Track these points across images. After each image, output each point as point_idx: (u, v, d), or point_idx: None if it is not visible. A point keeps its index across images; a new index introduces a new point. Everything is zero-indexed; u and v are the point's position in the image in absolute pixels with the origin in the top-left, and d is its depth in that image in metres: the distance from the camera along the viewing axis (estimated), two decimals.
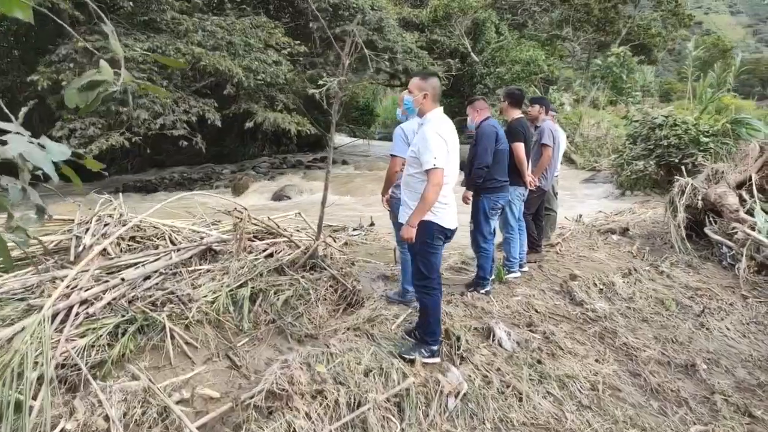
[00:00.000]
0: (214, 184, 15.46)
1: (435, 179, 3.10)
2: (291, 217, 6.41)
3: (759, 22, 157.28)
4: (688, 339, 3.67)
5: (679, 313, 4.15)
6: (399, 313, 4.07)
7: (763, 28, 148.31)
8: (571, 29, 24.09)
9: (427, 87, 3.39)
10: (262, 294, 4.30)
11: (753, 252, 5.02)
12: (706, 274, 5.18)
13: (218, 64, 11.97)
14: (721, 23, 59.96)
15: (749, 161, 5.83)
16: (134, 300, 3.58)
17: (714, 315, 4.08)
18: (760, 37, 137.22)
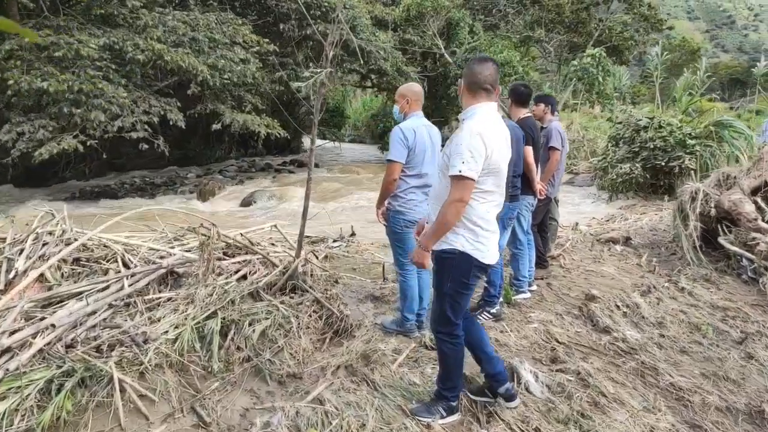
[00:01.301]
0: (178, 189, 14.55)
1: (457, 192, 2.38)
2: (266, 229, 5.72)
3: (715, 27, 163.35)
4: (740, 375, 3.17)
5: (718, 340, 3.66)
6: (399, 347, 3.45)
7: (720, 34, 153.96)
8: (544, 31, 23.93)
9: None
10: (235, 326, 3.63)
11: None
12: (728, 290, 4.73)
13: (181, 62, 11.12)
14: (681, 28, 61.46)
15: (763, 165, 5.45)
16: (74, 344, 2.86)
17: (756, 341, 3.61)
18: (716, 42, 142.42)
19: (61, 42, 10.21)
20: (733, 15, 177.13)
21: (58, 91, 9.83)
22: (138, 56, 10.81)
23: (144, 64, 11.25)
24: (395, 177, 3.39)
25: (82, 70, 10.33)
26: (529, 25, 25.15)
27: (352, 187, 14.47)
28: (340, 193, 13.37)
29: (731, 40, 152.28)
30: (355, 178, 16.72)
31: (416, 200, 3.49)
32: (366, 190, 13.89)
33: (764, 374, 3.19)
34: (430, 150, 3.49)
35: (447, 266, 2.57)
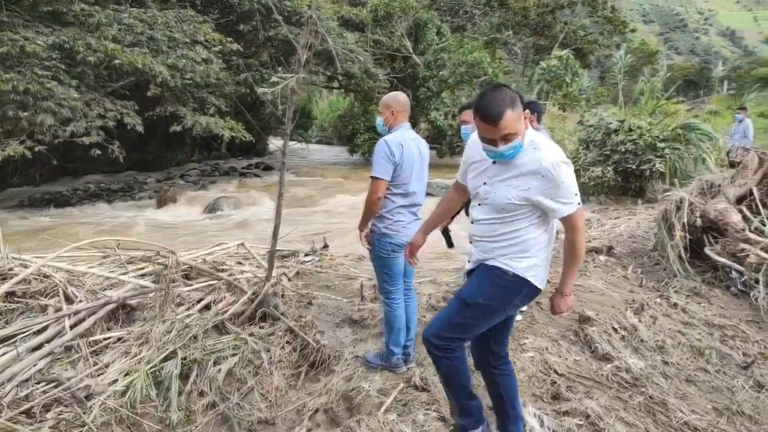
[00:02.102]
0: (136, 195, 13.81)
1: (582, 223, 2.20)
2: (232, 248, 5.26)
3: (669, 30, 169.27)
4: (753, 408, 2.94)
5: (723, 365, 3.43)
6: (385, 386, 3.08)
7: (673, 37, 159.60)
8: (512, 32, 23.99)
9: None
10: (198, 366, 3.21)
11: None
12: (719, 305, 4.55)
13: (136, 62, 10.45)
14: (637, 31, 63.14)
15: (748, 173, 5.32)
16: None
17: (761, 366, 3.40)
18: (670, 44, 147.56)
19: (4, 39, 9.44)
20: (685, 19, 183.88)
21: (2, 91, 9.08)
22: (90, 57, 10.11)
23: (97, 65, 10.54)
24: (380, 195, 3.03)
25: (29, 69, 9.59)
26: (496, 27, 25.17)
27: (322, 191, 14.03)
28: (310, 199, 12.91)
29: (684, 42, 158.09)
30: (325, 181, 16.27)
31: (404, 221, 3.13)
32: (337, 194, 13.47)
33: None
34: (418, 166, 3.14)
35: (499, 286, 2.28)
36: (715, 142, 11.67)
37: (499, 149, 2.08)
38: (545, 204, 2.13)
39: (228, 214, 11.43)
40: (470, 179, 2.36)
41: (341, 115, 27.89)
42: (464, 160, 2.45)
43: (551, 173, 2.09)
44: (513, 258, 2.25)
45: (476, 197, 2.34)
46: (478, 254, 2.36)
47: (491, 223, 2.27)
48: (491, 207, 2.24)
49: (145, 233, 9.17)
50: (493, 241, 2.28)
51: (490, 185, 2.23)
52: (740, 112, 12.48)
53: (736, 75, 46.86)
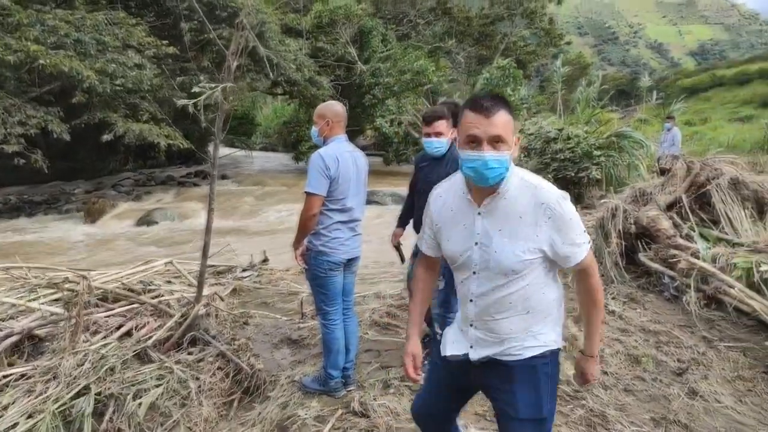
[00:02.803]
0: (62, 208, 12.95)
1: (594, 264, 1.81)
2: (159, 266, 4.93)
3: (602, 42, 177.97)
4: (689, 417, 2.95)
5: (659, 373, 3.46)
6: (323, 413, 2.90)
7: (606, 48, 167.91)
8: (455, 42, 24.39)
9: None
10: (115, 401, 2.91)
11: (699, 283, 4.58)
12: (654, 310, 4.64)
13: (62, 65, 9.81)
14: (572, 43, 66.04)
15: (677, 181, 5.50)
16: None
17: (694, 372, 3.45)
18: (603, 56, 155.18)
19: None
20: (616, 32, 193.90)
21: None
22: (8, 57, 9.40)
23: (17, 67, 9.82)
24: (315, 212, 2.85)
25: None
26: (440, 36, 25.54)
27: (264, 201, 13.65)
28: (251, 209, 12.52)
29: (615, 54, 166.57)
30: (268, 190, 15.87)
31: (342, 238, 2.97)
32: (280, 203, 13.14)
33: (711, 413, 3.00)
34: (355, 180, 2.99)
35: (544, 374, 1.79)
36: (646, 149, 12.17)
37: (484, 155, 1.64)
38: (557, 251, 1.70)
39: (163, 227, 10.89)
40: (448, 246, 1.83)
41: (286, 121, 27.47)
42: (429, 225, 1.92)
43: (557, 211, 1.69)
44: (538, 327, 1.79)
45: (465, 267, 1.79)
46: (487, 345, 1.81)
47: (497, 291, 1.75)
48: (494, 273, 1.73)
49: (70, 250, 8.57)
50: (507, 316, 1.77)
51: (485, 246, 1.73)
52: (669, 121, 13.10)
53: (663, 85, 49.60)
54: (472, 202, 1.75)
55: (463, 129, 1.70)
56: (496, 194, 1.70)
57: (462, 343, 1.86)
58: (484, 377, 1.84)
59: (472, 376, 1.87)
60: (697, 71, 65.30)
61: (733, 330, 4.17)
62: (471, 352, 1.82)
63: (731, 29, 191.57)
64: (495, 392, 1.83)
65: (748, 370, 3.55)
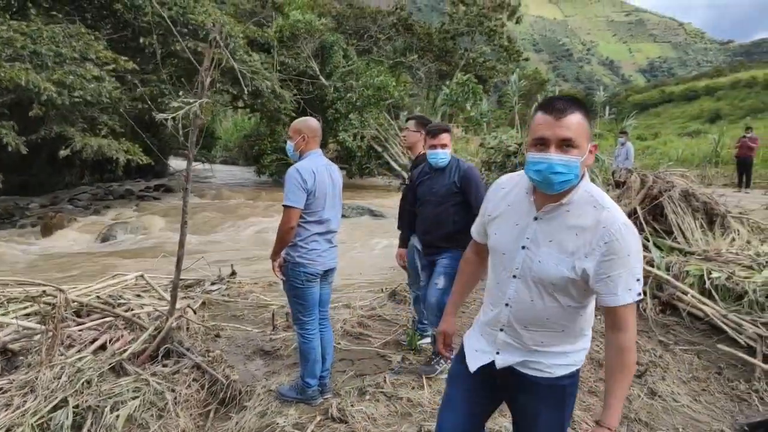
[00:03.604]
0: (17, 223, 12.49)
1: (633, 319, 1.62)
2: (130, 280, 4.91)
3: (557, 59, 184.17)
4: (649, 415, 3.19)
5: None
6: (301, 420, 2.99)
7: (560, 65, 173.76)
8: (416, 57, 24.86)
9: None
10: (93, 413, 2.92)
11: (655, 290, 4.88)
12: None
13: (19, 78, 9.57)
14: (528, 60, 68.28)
15: (632, 193, 5.84)
16: None
17: (653, 374, 3.70)
18: (558, 72, 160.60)
19: None
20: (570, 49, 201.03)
21: None
22: None
23: None
24: (293, 224, 2.96)
25: None
26: (401, 51, 25.98)
27: (228, 214, 13.53)
28: (216, 223, 12.39)
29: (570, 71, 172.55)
30: (231, 204, 15.74)
31: (319, 249, 3.08)
32: (244, 217, 13.07)
33: (670, 412, 3.24)
34: (331, 193, 3.12)
35: (570, 395, 1.75)
36: (601, 163, 12.75)
37: (551, 157, 1.50)
38: (599, 282, 1.54)
39: (124, 241, 10.67)
40: (494, 239, 1.74)
41: (247, 134, 27.32)
42: (483, 212, 1.85)
43: (616, 238, 1.52)
44: (569, 346, 1.70)
45: (505, 267, 1.69)
46: (515, 351, 1.71)
47: (535, 303, 1.64)
48: (534, 282, 1.63)
49: (31, 265, 8.32)
50: (541, 330, 1.67)
51: (532, 251, 1.62)
52: (622, 135, 13.72)
53: (615, 101, 51.70)
54: (533, 204, 1.64)
55: (533, 130, 1.57)
56: (559, 203, 1.59)
57: (486, 351, 1.76)
58: (509, 389, 1.76)
59: (497, 385, 1.77)
60: (647, 88, 68.42)
61: (687, 334, 4.47)
62: (497, 359, 1.72)
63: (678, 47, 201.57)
64: (518, 406, 1.77)
65: (702, 371, 3.84)
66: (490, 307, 1.78)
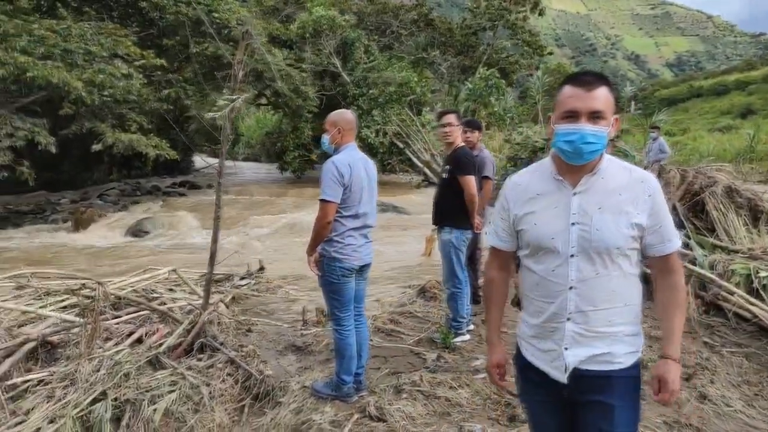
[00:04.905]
0: (49, 218, 12.77)
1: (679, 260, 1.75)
2: (162, 274, 4.95)
3: (580, 54, 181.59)
4: (700, 420, 3.07)
5: None
6: (338, 418, 2.96)
7: (584, 60, 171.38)
8: (439, 52, 24.71)
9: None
10: (131, 406, 2.94)
11: (698, 290, 4.73)
12: (653, 317, 4.77)
13: (51, 77, 9.74)
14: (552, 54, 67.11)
15: (671, 189, 5.67)
16: None
17: (701, 377, 3.58)
18: (581, 67, 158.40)
19: None
20: (594, 44, 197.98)
21: None
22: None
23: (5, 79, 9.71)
24: (329, 219, 2.93)
25: None
26: (422, 47, 25.83)
27: (252, 211, 13.63)
28: (241, 219, 12.48)
29: (593, 65, 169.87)
30: (255, 200, 15.85)
31: (355, 245, 3.04)
32: (269, 213, 13.14)
33: (722, 417, 3.13)
34: (367, 187, 3.08)
35: (639, 386, 1.72)
36: (631, 159, 12.50)
37: (583, 128, 1.56)
38: (652, 234, 1.63)
39: (152, 237, 10.82)
40: (535, 230, 1.69)
41: (269, 132, 27.48)
42: (504, 216, 1.79)
43: (658, 194, 1.63)
44: (631, 328, 1.68)
45: (557, 251, 1.65)
46: (585, 343, 1.65)
47: (601, 275, 1.62)
48: (596, 253, 1.61)
49: (63, 260, 8.48)
50: (608, 306, 1.63)
51: (584, 225, 1.61)
52: (654, 130, 13.43)
53: (642, 96, 50.71)
54: (565, 182, 1.66)
55: (561, 103, 1.62)
56: (592, 173, 1.63)
57: (551, 351, 1.69)
58: (580, 392, 1.67)
59: (567, 392, 1.68)
60: (675, 82, 66.95)
61: (733, 335, 4.29)
62: (568, 356, 1.65)
63: (707, 40, 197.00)
64: (588, 411, 1.67)
65: (753, 375, 3.67)
66: (541, 305, 1.72)
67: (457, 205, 3.91)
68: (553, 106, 1.68)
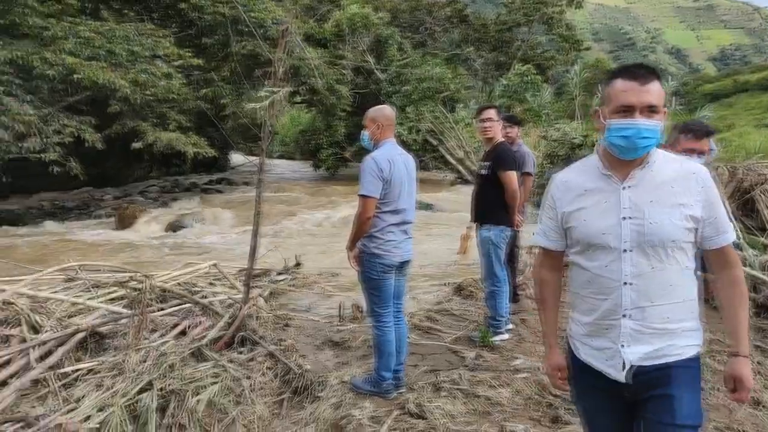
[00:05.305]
0: (93, 213, 13.23)
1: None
2: (203, 268, 5.06)
3: (618, 48, 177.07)
4: (754, 427, 2.95)
5: (716, 382, 3.44)
6: (377, 414, 2.96)
7: (622, 54, 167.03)
8: (473, 49, 24.50)
9: None
10: (175, 397, 3.00)
11: (749, 291, 4.55)
12: (702, 319, 4.63)
13: (97, 77, 10.08)
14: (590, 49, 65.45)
15: (720, 187, 5.47)
16: None
17: (755, 382, 3.43)
18: (620, 62, 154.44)
19: None
20: (633, 38, 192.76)
21: None
22: (48, 71, 9.70)
23: (55, 79, 10.10)
24: (370, 214, 2.93)
25: None
26: (456, 43, 25.65)
27: (288, 207, 13.81)
28: (276, 215, 12.65)
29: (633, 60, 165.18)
30: (291, 197, 16.06)
31: (395, 240, 3.04)
32: (304, 210, 13.29)
33: None
34: (407, 182, 3.07)
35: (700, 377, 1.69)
36: None
37: (638, 122, 1.53)
38: (707, 226, 1.60)
39: (191, 232, 11.08)
40: (586, 226, 1.66)
41: (303, 130, 27.77)
42: (551, 215, 1.77)
43: (711, 186, 1.60)
44: (690, 323, 1.64)
45: (610, 247, 1.62)
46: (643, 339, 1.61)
47: (657, 270, 1.59)
48: (651, 246, 1.58)
49: (108, 253, 8.77)
50: (666, 302, 1.60)
51: (637, 219, 1.59)
52: None
53: (684, 91, 49.14)
54: (613, 177, 1.63)
55: (614, 97, 1.58)
56: (642, 167, 1.60)
57: (607, 349, 1.65)
58: (639, 389, 1.63)
59: (627, 391, 1.64)
60: (719, 77, 64.57)
61: None
62: (626, 353, 1.61)
63: (753, 33, 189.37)
64: (648, 399, 1.64)
65: None
66: (593, 302, 1.67)
67: (498, 202, 3.87)
68: (603, 100, 1.65)
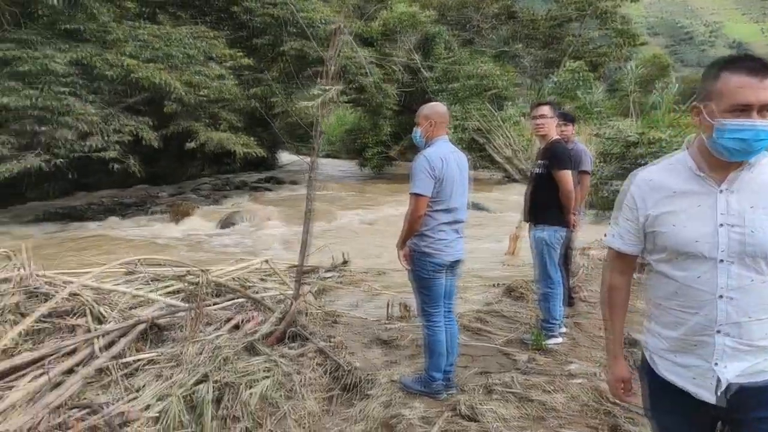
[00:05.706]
0: (149, 209, 13.76)
1: None
2: (255, 264, 5.16)
3: (675, 43, 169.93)
4: None
5: None
6: (428, 414, 2.94)
7: (680, 49, 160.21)
8: (522, 45, 24.03)
9: None
10: (229, 389, 3.07)
11: None
12: None
13: (154, 78, 10.48)
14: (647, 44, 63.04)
15: None
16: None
17: None
18: (677, 57, 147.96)
19: (24, 56, 9.59)
20: (691, 32, 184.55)
21: (19, 106, 9.19)
22: (107, 72, 10.17)
23: (114, 80, 10.59)
24: (421, 213, 2.90)
25: (47, 85, 9.68)
26: (505, 40, 25.22)
27: (334, 206, 13.94)
28: (323, 214, 12.79)
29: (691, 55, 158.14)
30: (336, 195, 16.21)
31: (447, 240, 3.00)
32: (350, 208, 13.39)
33: None
34: (459, 181, 3.03)
35: None
36: None
37: (756, 124, 1.37)
38: None
39: (242, 229, 11.36)
40: (675, 230, 1.52)
41: (349, 129, 27.95)
42: (631, 217, 1.62)
43: None
44: None
45: (703, 256, 1.48)
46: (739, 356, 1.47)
47: (758, 282, 1.45)
48: (753, 257, 1.44)
49: (164, 249, 9.12)
50: (765, 317, 1.46)
51: (736, 227, 1.44)
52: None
53: None
54: (708, 179, 1.49)
55: (728, 94, 1.41)
56: (741, 168, 1.46)
57: (694, 367, 1.52)
58: (737, 410, 1.50)
59: (716, 411, 1.52)
60: None
61: None
62: (721, 372, 1.47)
63: None
64: (753, 421, 1.51)
65: None
66: (681, 315, 1.53)
67: (552, 201, 3.76)
68: (707, 95, 1.46)
